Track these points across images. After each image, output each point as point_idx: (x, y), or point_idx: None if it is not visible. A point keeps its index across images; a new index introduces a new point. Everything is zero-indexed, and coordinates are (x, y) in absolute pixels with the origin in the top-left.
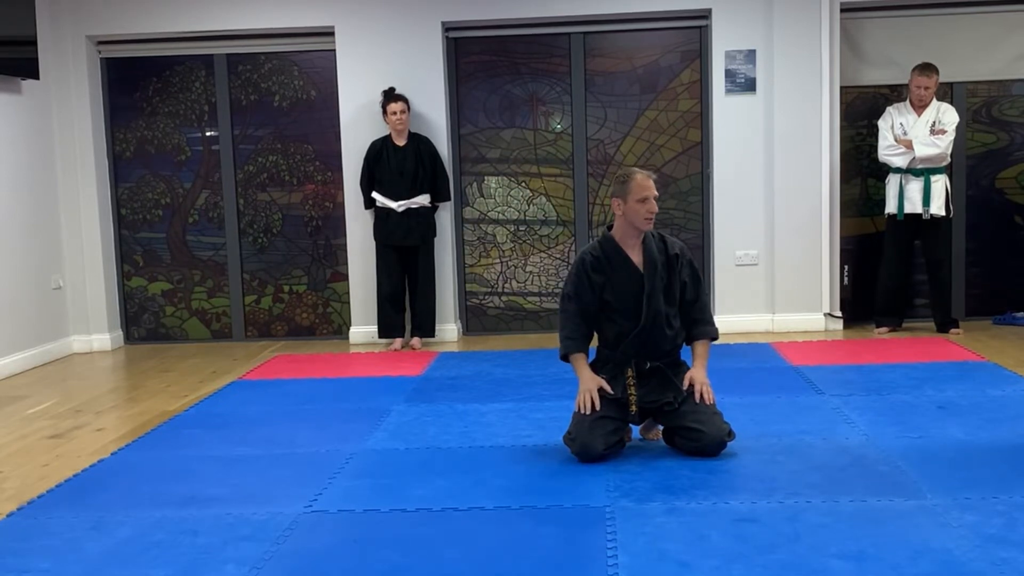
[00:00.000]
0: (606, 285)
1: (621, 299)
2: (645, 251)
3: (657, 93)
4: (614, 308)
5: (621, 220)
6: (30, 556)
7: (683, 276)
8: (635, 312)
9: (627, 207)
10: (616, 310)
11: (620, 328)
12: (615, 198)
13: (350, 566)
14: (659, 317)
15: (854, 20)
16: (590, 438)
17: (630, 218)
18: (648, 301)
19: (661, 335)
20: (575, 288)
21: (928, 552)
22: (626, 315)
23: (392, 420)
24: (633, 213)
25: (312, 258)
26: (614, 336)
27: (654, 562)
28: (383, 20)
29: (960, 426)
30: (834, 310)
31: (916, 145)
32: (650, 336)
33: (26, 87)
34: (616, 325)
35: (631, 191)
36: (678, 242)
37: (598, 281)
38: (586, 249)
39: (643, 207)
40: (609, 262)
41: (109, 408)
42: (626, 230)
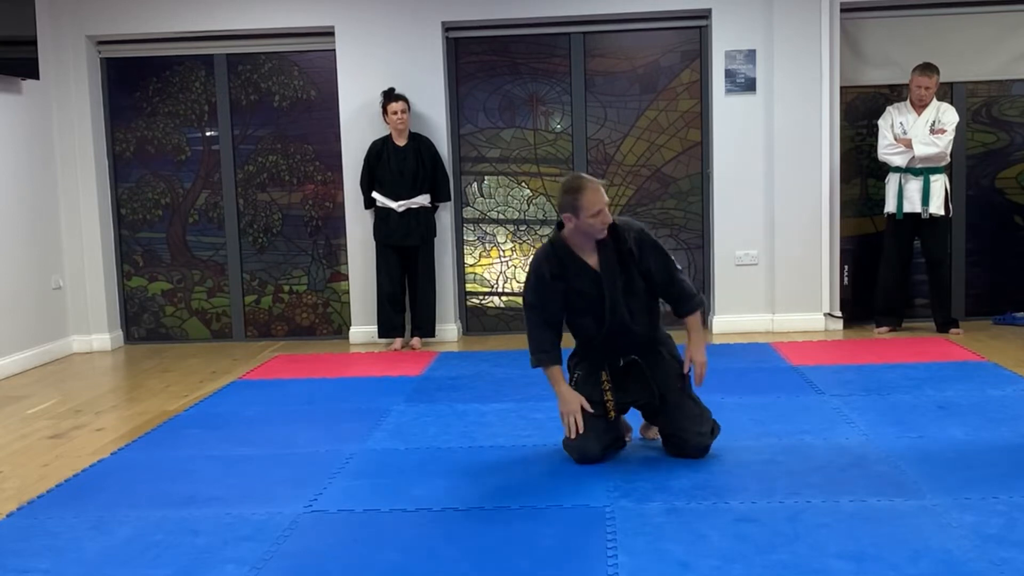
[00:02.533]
0: (568, 291)
1: (583, 302)
2: (599, 252)
3: (657, 93)
4: (578, 311)
5: (573, 230)
6: (30, 556)
7: (647, 264)
8: (599, 315)
9: (580, 222)
10: (580, 314)
11: (587, 331)
12: (565, 213)
13: (350, 566)
14: (624, 317)
15: (854, 20)
16: (586, 442)
17: (584, 230)
18: (610, 304)
19: (629, 332)
20: (537, 298)
21: (928, 552)
22: (591, 318)
23: (392, 420)
24: (587, 227)
25: (312, 258)
26: (584, 338)
27: (654, 562)
28: (383, 20)
29: (960, 426)
30: (834, 310)
31: (915, 144)
32: (618, 336)
33: (26, 87)
34: (583, 328)
35: (583, 207)
36: (633, 228)
37: (559, 288)
38: (540, 255)
39: (597, 220)
40: (565, 268)
41: (109, 408)
42: (578, 237)
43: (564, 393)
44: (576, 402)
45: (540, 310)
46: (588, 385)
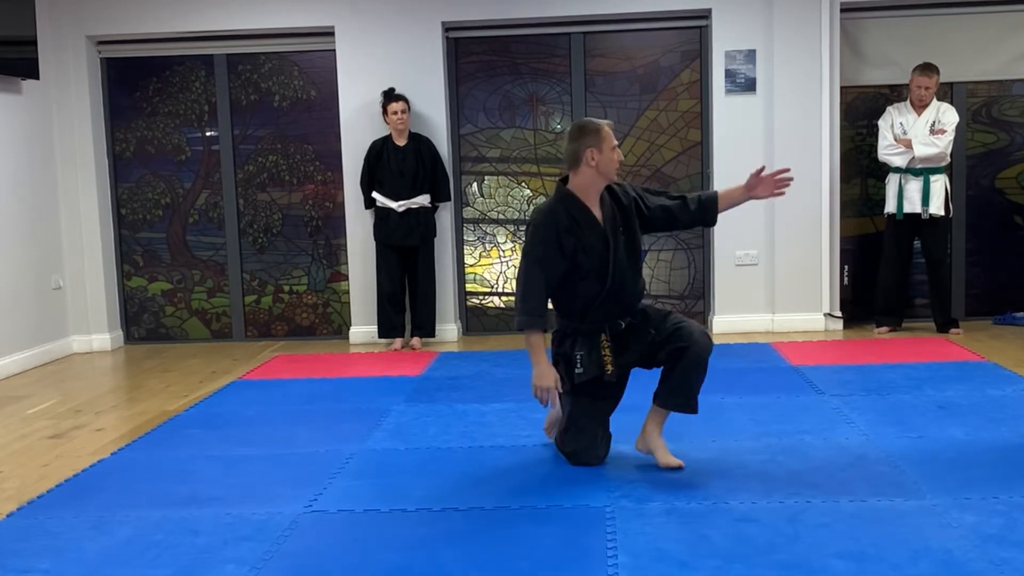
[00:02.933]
0: (577, 248)
1: (590, 261)
2: (603, 206)
3: (657, 93)
4: (583, 272)
5: (591, 172)
6: (30, 556)
7: (648, 209)
8: (602, 273)
9: (602, 157)
10: (584, 274)
11: (588, 293)
12: (589, 148)
13: (350, 566)
14: (625, 275)
15: (854, 20)
16: (590, 455)
17: (603, 168)
18: (614, 260)
19: (629, 293)
20: (544, 252)
21: (928, 552)
22: (594, 278)
23: (392, 420)
24: (608, 162)
25: (312, 258)
26: (581, 305)
27: (654, 562)
28: (383, 20)
29: (960, 426)
30: (834, 310)
31: (915, 145)
32: (619, 296)
33: (26, 87)
34: (583, 291)
35: (604, 139)
36: (627, 186)
37: (569, 245)
38: (547, 208)
39: (615, 155)
40: (577, 223)
41: (109, 408)
42: (592, 183)
43: (543, 367)
44: (552, 379)
45: (544, 266)
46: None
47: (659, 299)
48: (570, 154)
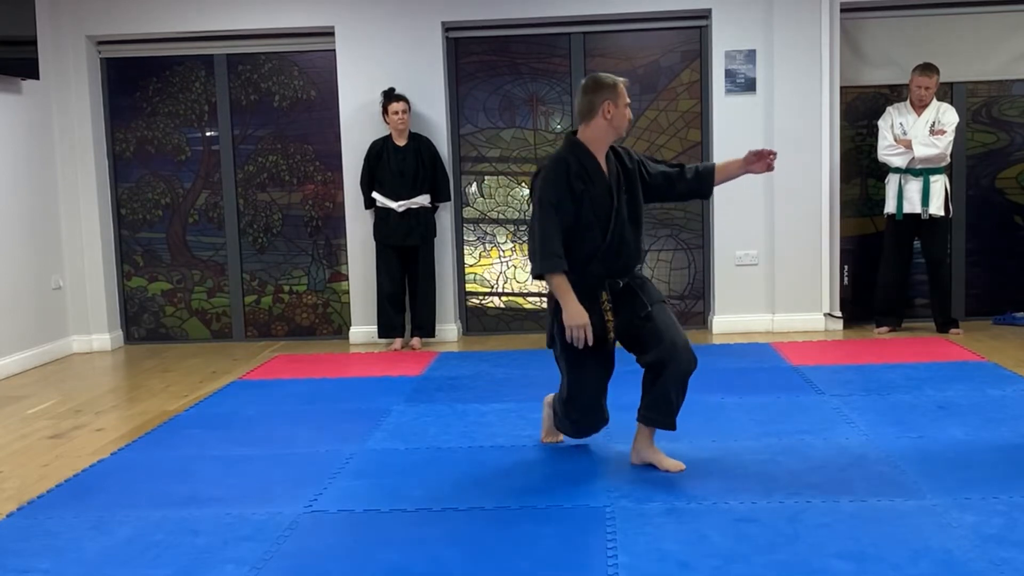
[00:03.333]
0: (585, 195)
1: (596, 211)
2: (609, 162)
3: (657, 93)
4: (587, 223)
5: (603, 125)
6: (30, 556)
7: (650, 175)
8: (604, 225)
9: (617, 111)
10: (588, 225)
11: (590, 244)
12: (607, 101)
13: (350, 566)
14: (626, 231)
15: (854, 20)
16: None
17: (617, 123)
18: (616, 215)
19: (629, 251)
20: (558, 197)
21: (928, 552)
22: (597, 231)
23: (392, 420)
24: (621, 117)
25: (312, 258)
26: (583, 256)
27: (654, 562)
28: (383, 20)
29: (960, 426)
30: (834, 310)
31: (915, 145)
32: (619, 252)
33: (26, 87)
34: (585, 243)
35: (620, 95)
36: (631, 150)
37: (579, 190)
38: (557, 155)
39: (628, 112)
40: (586, 171)
41: (109, 408)
42: (603, 137)
43: (574, 305)
44: (585, 317)
45: (558, 210)
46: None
47: None
48: (585, 105)
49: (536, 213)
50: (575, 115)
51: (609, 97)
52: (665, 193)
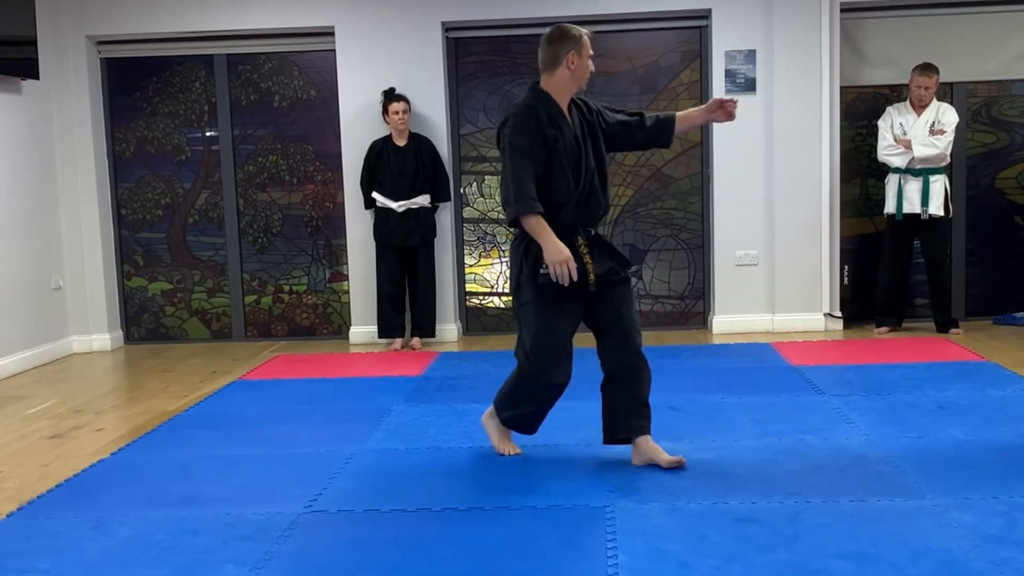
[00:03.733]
0: (557, 142)
1: (567, 158)
2: (571, 113)
3: (657, 93)
4: (560, 169)
5: (567, 76)
6: (30, 556)
7: (608, 124)
8: (576, 172)
9: (581, 62)
10: (561, 172)
11: (562, 191)
12: (571, 51)
13: (350, 566)
14: (595, 181)
15: (854, 20)
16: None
17: (579, 74)
18: (586, 163)
19: (596, 200)
20: (530, 144)
21: (928, 552)
22: (570, 177)
23: (392, 420)
24: (584, 68)
25: (312, 258)
26: (556, 203)
27: (654, 562)
28: (383, 20)
29: (960, 426)
30: (834, 310)
31: (915, 145)
32: (588, 200)
33: (26, 87)
34: (558, 190)
35: (584, 46)
36: (589, 101)
37: (551, 136)
38: (525, 103)
39: (591, 64)
40: (553, 118)
41: (109, 408)
42: (566, 87)
43: (554, 242)
44: (567, 251)
45: (532, 157)
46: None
47: (659, 299)
48: (550, 55)
49: (508, 160)
50: (540, 65)
51: (574, 48)
52: (624, 142)
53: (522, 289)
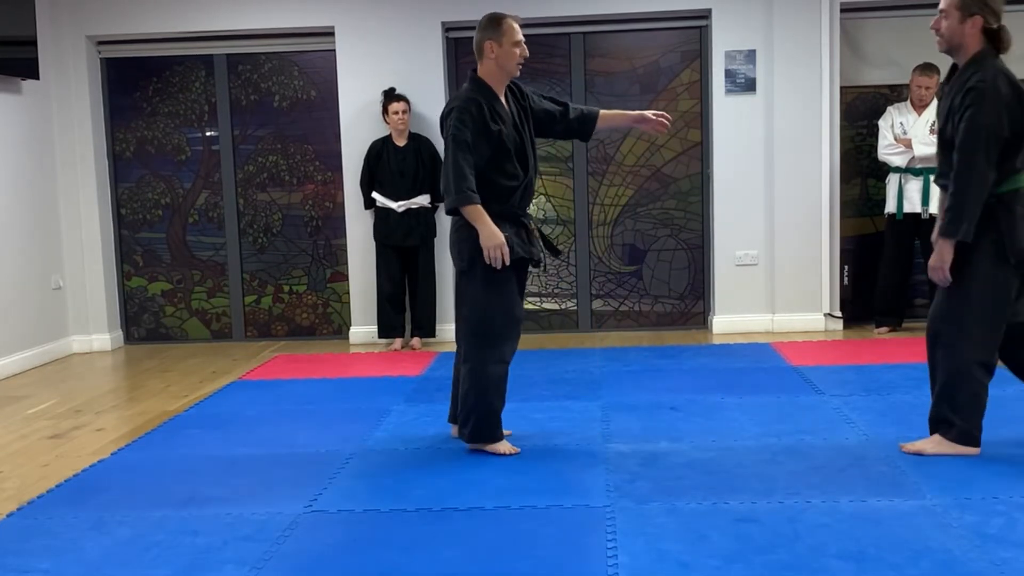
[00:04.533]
0: (500, 132)
1: (513, 147)
2: (507, 100)
3: (657, 93)
4: (504, 159)
5: (491, 65)
6: (30, 556)
7: (532, 110)
8: (521, 162)
9: (502, 51)
10: (505, 161)
11: (512, 178)
12: (488, 40)
13: (350, 566)
14: (536, 167)
15: (854, 20)
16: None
17: (502, 62)
18: (528, 149)
19: (533, 185)
20: (473, 136)
21: (928, 552)
22: (516, 163)
23: (392, 420)
24: (507, 57)
25: (312, 258)
26: (504, 190)
27: (654, 562)
28: (383, 20)
29: None
30: (834, 310)
31: (915, 145)
32: (528, 187)
33: (26, 87)
34: (507, 176)
35: (505, 33)
36: (522, 85)
37: (495, 129)
38: (465, 94)
39: (517, 51)
40: (494, 109)
41: (109, 408)
42: (495, 76)
43: (491, 227)
44: (501, 236)
45: (473, 150)
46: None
47: (659, 299)
48: (476, 45)
49: (449, 150)
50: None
51: (492, 37)
52: (545, 129)
53: (476, 267)
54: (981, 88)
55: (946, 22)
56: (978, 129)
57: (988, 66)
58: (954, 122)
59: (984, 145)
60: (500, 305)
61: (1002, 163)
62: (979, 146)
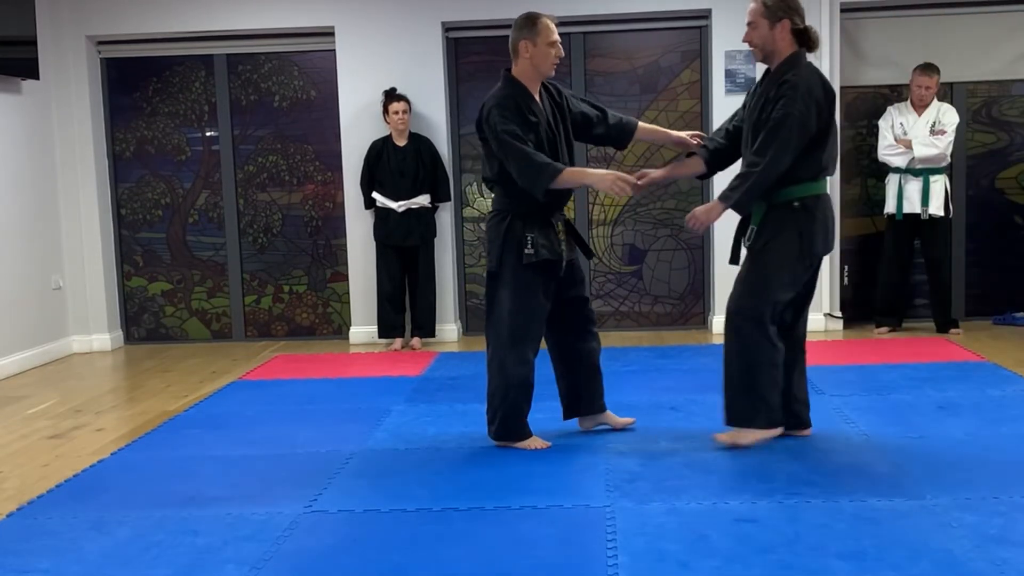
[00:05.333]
0: (538, 127)
1: (548, 144)
2: (542, 98)
3: (657, 93)
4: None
5: (526, 64)
6: (30, 556)
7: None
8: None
9: (536, 50)
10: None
11: None
12: (524, 40)
13: (350, 566)
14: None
15: (854, 20)
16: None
17: (536, 62)
18: (560, 148)
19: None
20: (520, 127)
21: (928, 552)
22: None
23: (392, 420)
24: (542, 57)
25: (312, 258)
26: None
27: (654, 562)
28: (383, 20)
29: (960, 426)
30: (834, 310)
31: (915, 145)
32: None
33: (26, 87)
34: None
35: (540, 33)
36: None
37: (532, 122)
38: (501, 92)
39: (552, 51)
40: (528, 106)
41: (109, 408)
42: (530, 75)
43: (596, 173)
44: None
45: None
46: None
47: (659, 299)
48: (511, 44)
49: (508, 149)
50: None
51: (527, 36)
52: (582, 133)
53: (503, 263)
54: (795, 82)
55: (756, 32)
56: (788, 116)
57: (802, 65)
58: (768, 112)
59: (789, 133)
60: (524, 307)
61: (806, 163)
62: (785, 133)
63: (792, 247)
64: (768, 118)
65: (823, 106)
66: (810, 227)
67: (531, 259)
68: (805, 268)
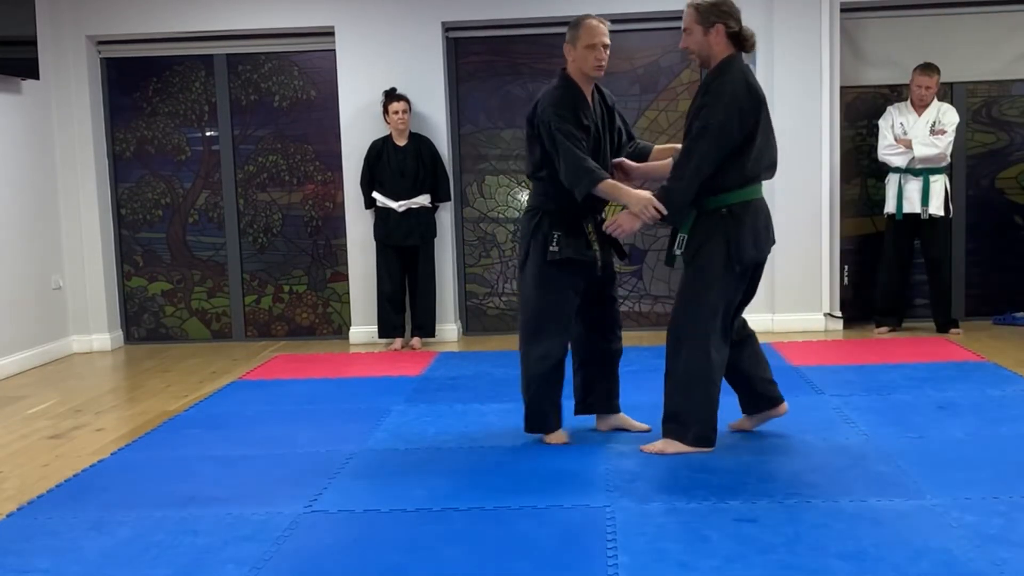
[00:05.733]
0: (588, 126)
1: (593, 143)
2: (593, 99)
3: (657, 93)
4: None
5: (572, 66)
6: (30, 556)
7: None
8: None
9: (576, 53)
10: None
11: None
12: (566, 43)
13: (350, 566)
14: (611, 171)
15: (854, 20)
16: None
17: (579, 65)
18: (603, 150)
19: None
20: (575, 123)
21: (928, 552)
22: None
23: (392, 420)
24: (582, 60)
25: (312, 258)
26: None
27: (654, 562)
28: (383, 20)
29: (960, 426)
30: (834, 310)
31: (915, 145)
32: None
33: (26, 87)
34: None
35: (580, 36)
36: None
37: (583, 121)
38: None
39: (591, 54)
40: (579, 102)
41: (109, 408)
42: (578, 76)
43: (635, 194)
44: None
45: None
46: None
47: (659, 299)
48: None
49: (558, 142)
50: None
51: (569, 39)
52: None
53: (528, 262)
54: (719, 90)
55: (691, 38)
56: (706, 129)
57: (733, 70)
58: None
59: (708, 146)
60: (546, 302)
61: (733, 170)
62: (703, 146)
63: (720, 255)
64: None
65: (748, 112)
66: (738, 233)
67: (555, 256)
68: (738, 275)
